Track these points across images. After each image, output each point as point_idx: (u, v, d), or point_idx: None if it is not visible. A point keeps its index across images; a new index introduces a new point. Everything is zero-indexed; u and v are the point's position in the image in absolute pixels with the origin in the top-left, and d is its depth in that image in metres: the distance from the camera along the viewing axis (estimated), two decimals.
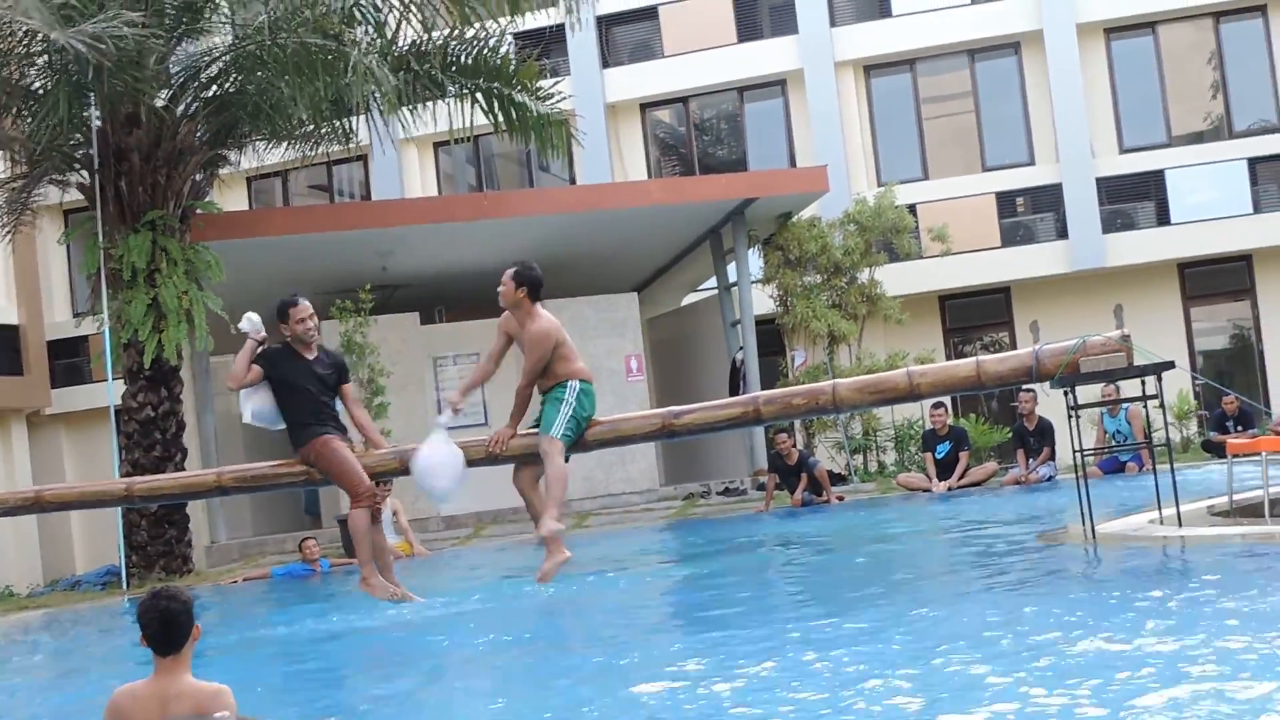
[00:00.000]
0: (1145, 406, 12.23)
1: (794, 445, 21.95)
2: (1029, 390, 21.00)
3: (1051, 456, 21.41)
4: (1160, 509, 11.77)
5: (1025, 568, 10.84)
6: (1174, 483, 11.43)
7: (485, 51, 22.28)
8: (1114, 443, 21.12)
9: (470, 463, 12.14)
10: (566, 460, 12.14)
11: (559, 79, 26.71)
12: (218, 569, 21.53)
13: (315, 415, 11.97)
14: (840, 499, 21.39)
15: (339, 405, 12.39)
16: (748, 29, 32.16)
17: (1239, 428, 22.15)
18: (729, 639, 8.30)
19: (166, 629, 6.49)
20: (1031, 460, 21.51)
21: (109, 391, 20.72)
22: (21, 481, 28.71)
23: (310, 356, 12.17)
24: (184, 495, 16.41)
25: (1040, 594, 8.94)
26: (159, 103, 20.99)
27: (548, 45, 30.11)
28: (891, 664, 6.80)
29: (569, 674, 7.83)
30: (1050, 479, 20.85)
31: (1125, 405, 19.91)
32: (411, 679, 8.51)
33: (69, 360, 32.00)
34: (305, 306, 12.25)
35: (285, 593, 16.98)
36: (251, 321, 12.21)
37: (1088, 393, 14.68)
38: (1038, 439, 21.57)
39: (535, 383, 12.10)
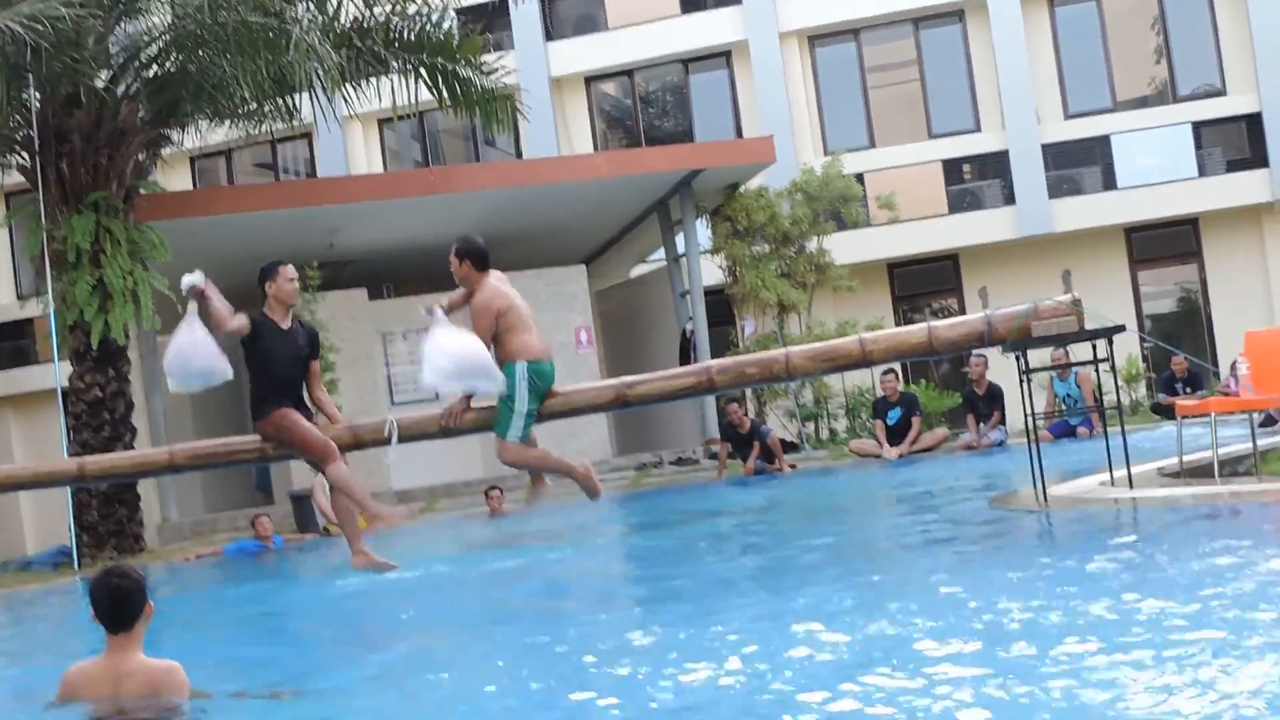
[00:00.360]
0: (1096, 370, 12.25)
1: (746, 414, 22.01)
2: (979, 355, 21.08)
3: (1002, 421, 21.52)
4: (1111, 471, 11.83)
5: (977, 533, 10.87)
6: (1124, 445, 11.49)
7: (428, 26, 22.15)
8: (1064, 407, 21.20)
9: (427, 436, 12.10)
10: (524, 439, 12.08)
11: (503, 53, 26.65)
12: (170, 547, 21.45)
13: (282, 390, 11.87)
14: (793, 467, 21.45)
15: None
16: (691, 0, 32.11)
17: (1188, 389, 22.23)
18: (683, 610, 8.31)
19: (118, 606, 6.49)
20: (982, 425, 21.60)
21: (56, 373, 20.58)
22: None
23: (286, 327, 12.05)
24: (137, 474, 16.30)
25: (991, 558, 8.97)
26: (99, 83, 20.80)
27: (491, 19, 30.04)
28: (842, 630, 6.81)
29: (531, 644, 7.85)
30: (1001, 443, 20.96)
31: (1075, 369, 20.00)
32: (368, 651, 8.50)
33: (15, 342, 31.79)
34: (291, 268, 12.20)
35: (238, 569, 16.93)
36: (192, 277, 12.01)
37: (1038, 357, 14.73)
38: (988, 404, 21.66)
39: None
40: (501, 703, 6.37)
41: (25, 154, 21.09)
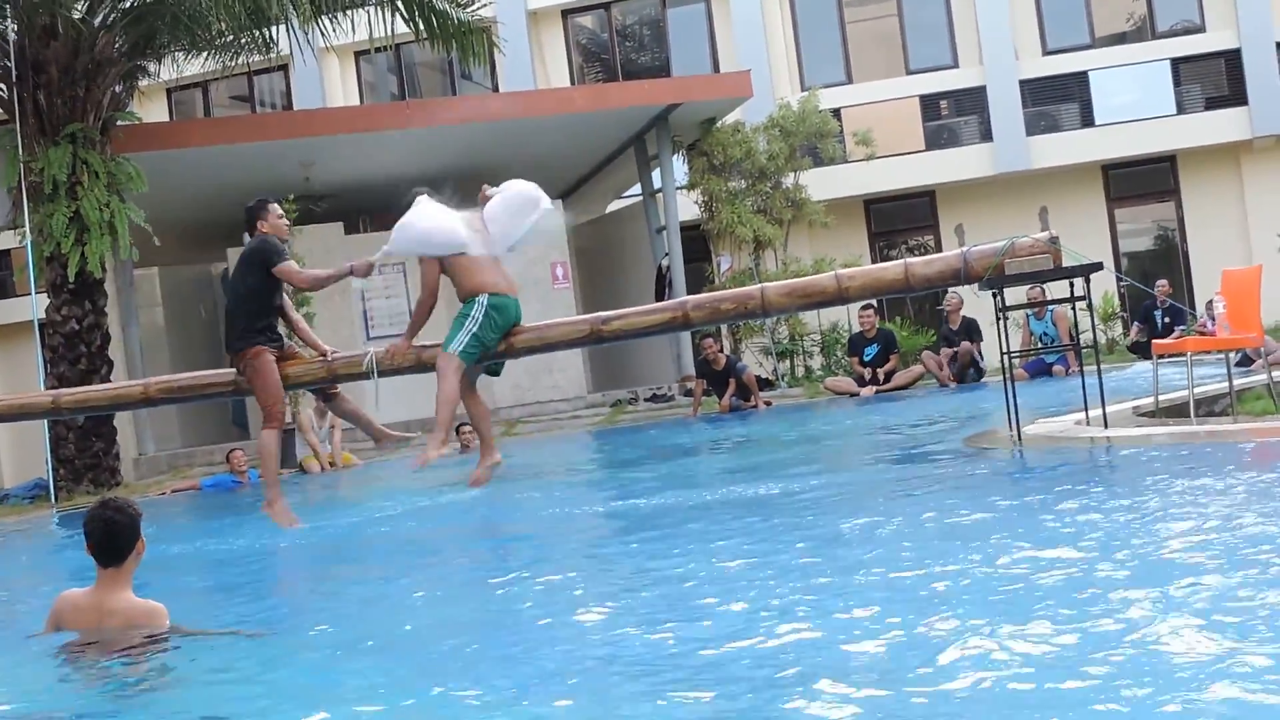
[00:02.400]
0: (1073, 309, 12.27)
1: (721, 350, 22.01)
2: (954, 292, 21.09)
3: (976, 358, 21.50)
4: (1086, 410, 11.86)
5: (949, 470, 10.86)
6: (1100, 384, 11.51)
7: None
8: (1040, 345, 21.21)
9: (404, 370, 12.14)
10: (497, 374, 12.13)
11: None
12: (146, 481, 21.46)
13: (264, 321, 11.88)
14: (768, 404, 21.49)
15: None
16: None
17: (1167, 319, 22.23)
18: (655, 549, 8.32)
19: (110, 539, 6.52)
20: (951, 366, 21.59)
21: (33, 305, 20.55)
22: None
23: None
24: (112, 406, 16.30)
25: (964, 497, 8.97)
26: (76, 14, 20.70)
27: None
28: (813, 572, 6.82)
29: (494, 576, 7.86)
30: (978, 374, 20.99)
31: (1051, 308, 20.02)
32: (340, 588, 8.51)
33: None
34: (278, 204, 12.21)
35: (213, 504, 16.94)
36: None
37: (1016, 295, 14.75)
38: (963, 338, 21.63)
39: (434, 296, 12.07)
40: (468, 628, 6.39)
41: (2, 85, 21.00)
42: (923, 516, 8.15)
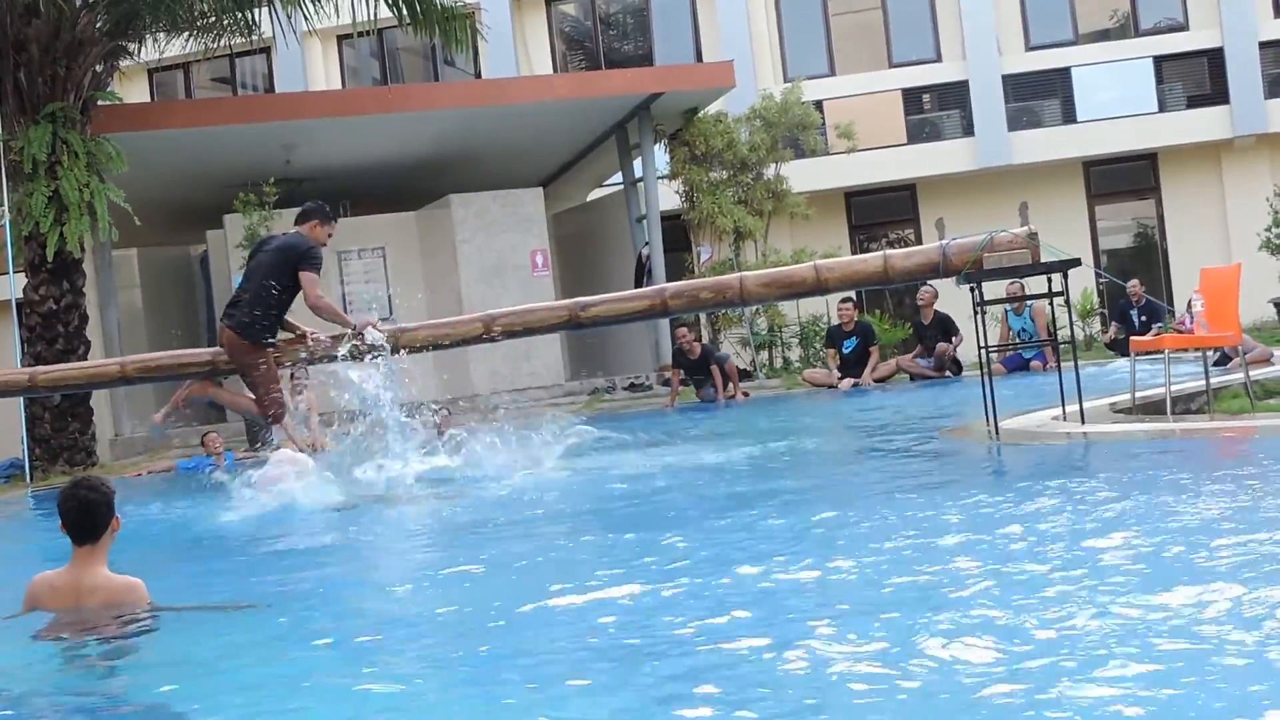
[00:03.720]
0: (1051, 304, 12.28)
1: (697, 339, 22.00)
2: (928, 286, 21.11)
3: (953, 351, 21.51)
4: (1064, 406, 11.87)
5: (926, 465, 10.87)
6: (1077, 380, 11.51)
7: None
8: (1019, 341, 21.23)
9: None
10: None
11: None
12: (122, 462, 21.42)
13: (278, 315, 12.05)
14: (745, 395, 21.47)
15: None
16: None
17: (1143, 318, 22.28)
18: (636, 541, 8.32)
19: (83, 518, 6.52)
20: (925, 361, 21.59)
21: (10, 284, 20.51)
22: None
23: None
24: (88, 385, 16.29)
25: (939, 491, 8.97)
26: None
27: None
28: (786, 566, 6.81)
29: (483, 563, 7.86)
30: (957, 372, 20.99)
31: (1030, 303, 20.04)
32: (318, 568, 8.51)
33: None
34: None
35: (191, 485, 16.91)
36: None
37: (995, 289, 14.76)
38: (936, 333, 21.64)
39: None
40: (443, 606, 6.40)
41: None
42: (894, 511, 8.15)
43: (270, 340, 12.00)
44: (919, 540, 7.01)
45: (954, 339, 21.49)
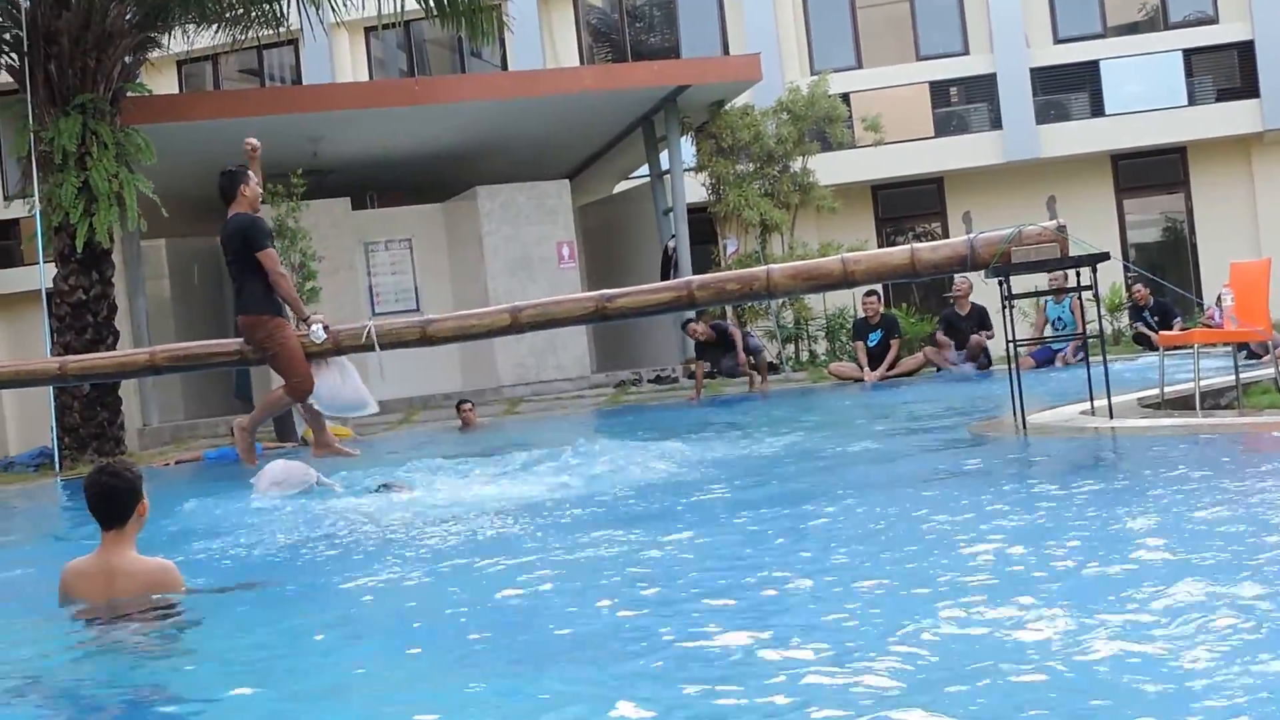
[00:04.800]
0: (1079, 298, 12.28)
1: (707, 323, 21.99)
2: (964, 277, 21.03)
3: (984, 345, 21.43)
4: (1091, 400, 11.84)
5: (953, 458, 10.84)
6: (1105, 374, 11.49)
7: None
8: (1054, 329, 21.15)
9: (405, 343, 12.24)
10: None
11: None
12: (150, 451, 21.49)
13: (272, 293, 11.99)
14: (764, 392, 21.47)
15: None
16: None
17: (1156, 318, 22.20)
18: (659, 532, 8.33)
19: (107, 504, 6.57)
20: (957, 353, 21.51)
21: (40, 274, 20.57)
22: None
23: None
24: (117, 374, 16.33)
25: (967, 486, 8.97)
26: None
27: None
28: (814, 560, 6.81)
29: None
30: (988, 369, 20.90)
31: (1071, 294, 19.95)
32: (348, 558, 8.52)
33: (0, 243, 31.73)
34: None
35: (218, 474, 16.95)
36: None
37: (1023, 284, 14.71)
38: (971, 325, 21.54)
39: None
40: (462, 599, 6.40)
41: (14, 55, 21.04)
42: (922, 506, 8.14)
43: (277, 311, 11.95)
44: (950, 537, 7.01)
45: (986, 332, 21.42)
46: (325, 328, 11.98)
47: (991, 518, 7.42)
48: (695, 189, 26.80)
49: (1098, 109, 29.88)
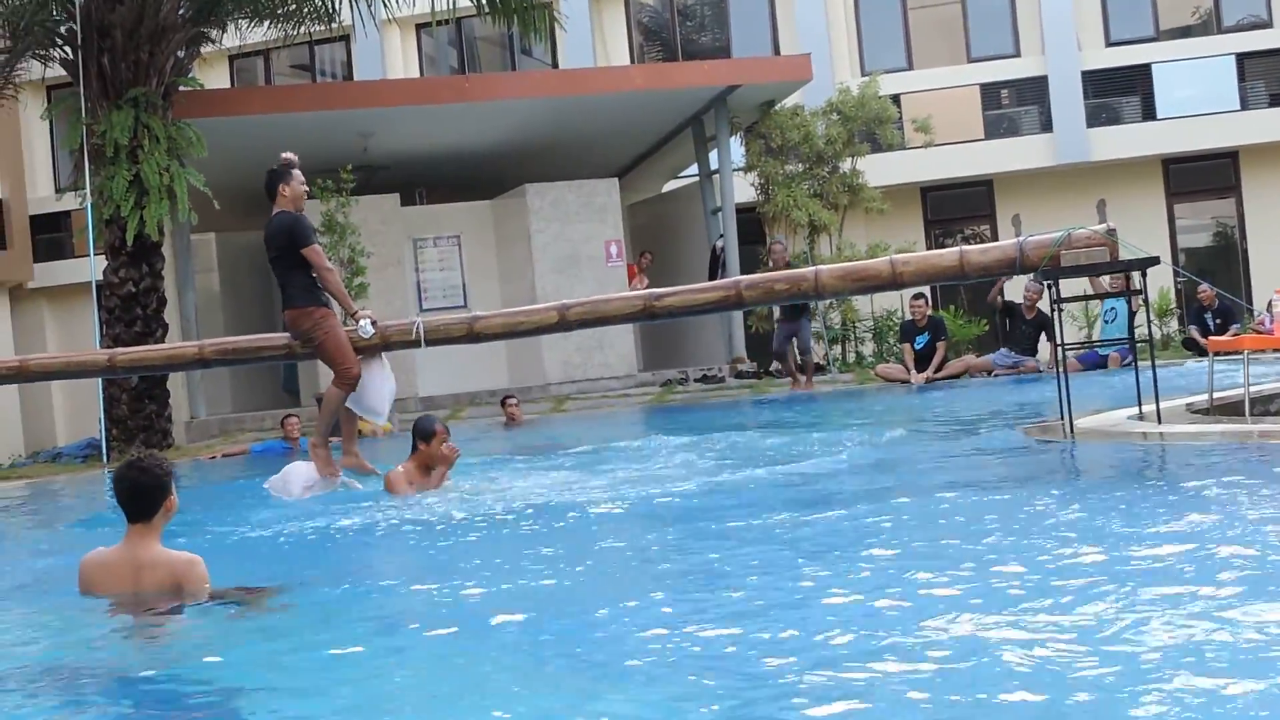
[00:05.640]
0: (1129, 302, 12.23)
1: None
2: (1035, 282, 20.92)
3: (1033, 352, 21.37)
4: (1140, 405, 11.80)
5: (1000, 462, 10.81)
6: (1154, 379, 11.43)
7: None
8: (1105, 322, 21.06)
9: (453, 339, 12.26)
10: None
11: None
12: (197, 444, 21.59)
13: (317, 286, 12.03)
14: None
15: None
16: None
17: (1218, 320, 22.12)
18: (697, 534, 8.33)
19: (134, 498, 6.61)
20: (1009, 351, 21.45)
21: (91, 267, 20.68)
22: (3, 354, 28.66)
23: None
24: (166, 366, 16.44)
25: (1015, 489, 8.94)
26: None
27: None
28: (885, 570, 6.80)
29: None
30: (1039, 372, 20.82)
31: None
32: (383, 553, 8.55)
33: (51, 235, 31.92)
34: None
35: (264, 468, 17.00)
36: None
37: (1072, 287, 14.64)
38: (1032, 330, 21.44)
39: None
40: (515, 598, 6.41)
41: (68, 48, 21.17)
42: (971, 510, 8.14)
43: (321, 301, 12.00)
44: (1002, 539, 7.00)
45: (1045, 339, 21.36)
46: (373, 323, 12.00)
47: (1036, 522, 7.41)
48: (744, 189, 26.80)
49: (1149, 112, 29.76)
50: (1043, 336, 21.21)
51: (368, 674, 5.28)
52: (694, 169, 27.91)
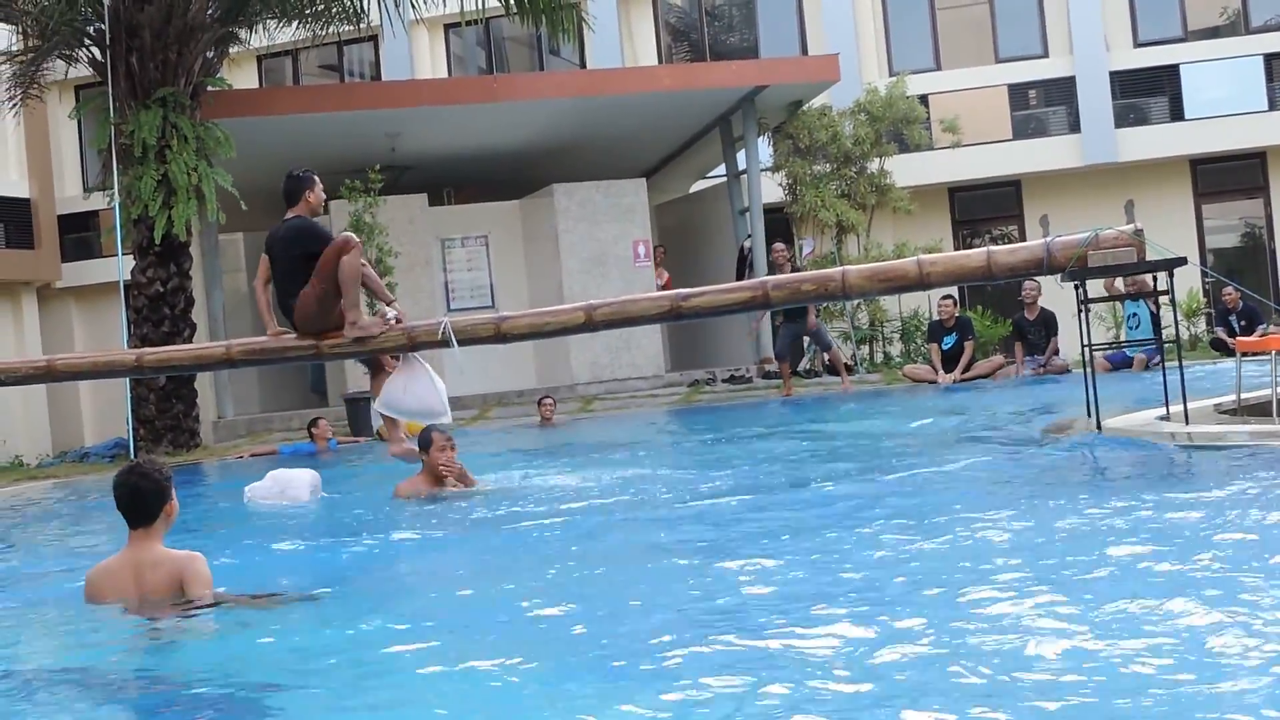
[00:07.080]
0: (1156, 303, 12.20)
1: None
2: (1032, 280, 20.92)
3: (1055, 350, 21.39)
4: (1167, 405, 11.77)
5: (1027, 462, 10.81)
6: (1182, 380, 11.41)
7: None
8: (1130, 326, 21.04)
9: (481, 339, 12.23)
10: None
11: None
12: (224, 444, 21.65)
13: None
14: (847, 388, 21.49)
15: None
16: None
17: (1243, 322, 22.07)
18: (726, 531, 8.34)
19: (133, 503, 6.64)
20: (1035, 356, 21.45)
21: (119, 266, 20.73)
22: (31, 353, 28.73)
23: None
24: (193, 366, 16.49)
25: (1043, 489, 8.95)
26: None
27: None
28: (886, 560, 6.81)
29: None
30: (1066, 370, 20.77)
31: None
32: (408, 557, 8.57)
33: (79, 234, 31.97)
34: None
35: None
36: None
37: (1098, 288, 14.62)
38: (1039, 331, 21.50)
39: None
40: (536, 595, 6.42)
41: (96, 47, 21.25)
42: (998, 509, 8.13)
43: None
44: (1026, 536, 6.99)
45: (1054, 338, 21.39)
46: (398, 319, 12.00)
47: (1057, 521, 7.41)
48: (772, 189, 26.80)
49: (1177, 113, 29.66)
50: (1056, 334, 21.27)
51: (391, 675, 5.30)
52: (722, 169, 27.91)
